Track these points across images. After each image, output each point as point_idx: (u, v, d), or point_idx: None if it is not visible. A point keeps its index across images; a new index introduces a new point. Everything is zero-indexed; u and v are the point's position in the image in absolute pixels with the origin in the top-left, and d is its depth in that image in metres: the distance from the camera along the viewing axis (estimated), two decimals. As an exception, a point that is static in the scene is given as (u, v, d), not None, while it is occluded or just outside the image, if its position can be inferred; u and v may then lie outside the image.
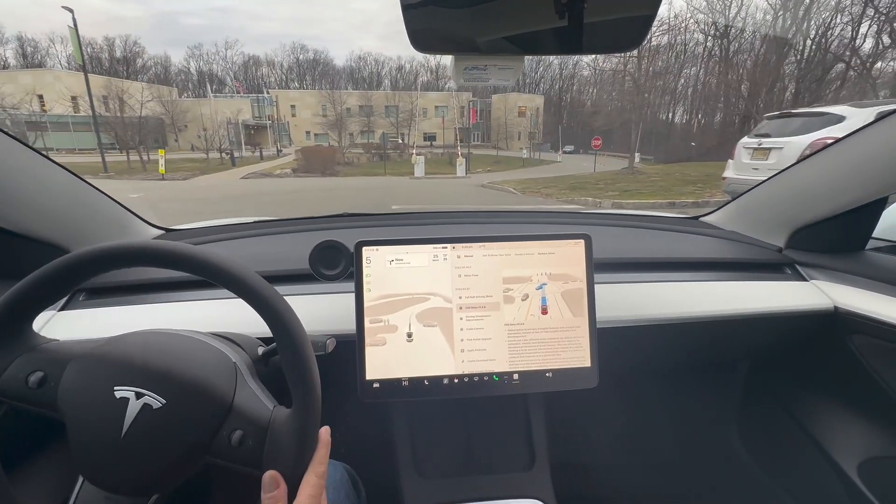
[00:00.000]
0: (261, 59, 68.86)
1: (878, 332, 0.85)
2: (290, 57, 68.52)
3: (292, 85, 64.37)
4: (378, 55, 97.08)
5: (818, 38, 17.07)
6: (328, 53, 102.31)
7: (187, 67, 63.71)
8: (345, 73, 67.88)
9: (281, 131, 40.86)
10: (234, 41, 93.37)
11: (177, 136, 29.69)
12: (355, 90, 49.57)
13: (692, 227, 1.22)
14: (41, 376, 0.45)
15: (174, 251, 0.45)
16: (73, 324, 0.76)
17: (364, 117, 41.18)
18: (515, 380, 0.73)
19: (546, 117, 47.91)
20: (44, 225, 0.80)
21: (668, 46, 25.70)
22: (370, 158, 26.01)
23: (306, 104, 41.98)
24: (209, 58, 66.46)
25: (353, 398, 0.70)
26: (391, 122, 41.52)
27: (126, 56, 50.12)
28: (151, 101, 26.57)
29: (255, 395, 0.48)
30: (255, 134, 38.98)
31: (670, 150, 29.70)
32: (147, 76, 51.06)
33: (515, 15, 0.59)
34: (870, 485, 0.92)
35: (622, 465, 1.32)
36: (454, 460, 0.97)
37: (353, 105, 41.99)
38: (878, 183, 0.85)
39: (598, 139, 21.43)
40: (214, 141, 25.10)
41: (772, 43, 19.99)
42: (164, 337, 0.51)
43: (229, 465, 0.45)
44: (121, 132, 22.45)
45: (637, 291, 0.91)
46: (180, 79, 59.29)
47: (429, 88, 56.42)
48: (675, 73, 28.92)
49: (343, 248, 0.76)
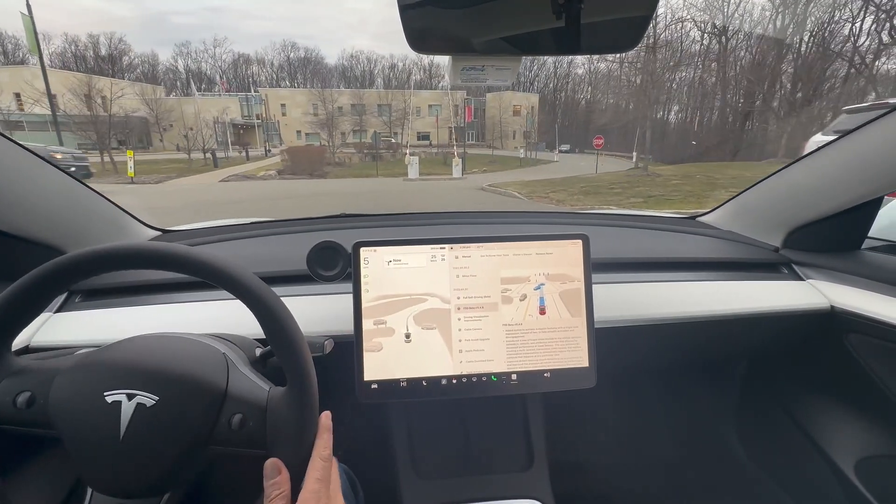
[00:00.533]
0: (251, 57, 68.59)
1: (874, 331, 0.87)
2: (280, 55, 68.32)
3: (283, 84, 64.09)
4: (370, 53, 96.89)
5: (818, 34, 17.18)
6: (319, 52, 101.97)
7: (175, 66, 63.30)
8: (336, 71, 67.76)
9: (271, 131, 40.59)
10: (223, 39, 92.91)
11: (161, 135, 28.92)
12: (347, 89, 49.49)
13: (689, 226, 1.24)
14: (29, 396, 0.45)
15: (169, 252, 0.46)
16: (68, 326, 0.76)
17: (356, 116, 41.04)
18: (514, 380, 0.74)
19: (541, 116, 48.07)
20: (39, 226, 0.80)
21: (665, 43, 25.31)
22: (362, 158, 25.75)
23: (297, 103, 41.70)
24: (197, 56, 66.09)
25: (351, 399, 0.71)
26: (384, 121, 41.44)
27: (112, 54, 49.61)
28: (122, 96, 25.49)
29: (250, 379, 0.49)
30: (244, 133, 38.60)
31: (669, 149, 29.42)
32: (134, 74, 50.67)
33: (513, 15, 0.60)
34: (867, 483, 0.94)
35: (620, 465, 1.34)
36: (453, 461, 0.98)
37: (344, 104, 41.82)
38: (874, 183, 0.87)
39: (601, 138, 20.62)
40: (198, 141, 24.59)
41: (770, 40, 20.02)
42: (150, 339, 0.51)
43: (235, 450, 0.46)
44: (101, 132, 21.83)
45: (635, 291, 0.92)
46: (168, 77, 58.84)
47: (422, 87, 56.40)
48: (690, 65, 27.95)
49: (341, 249, 0.77)
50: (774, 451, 1.19)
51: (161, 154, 27.11)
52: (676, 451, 1.38)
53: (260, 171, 18.88)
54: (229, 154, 28.77)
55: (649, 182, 12.98)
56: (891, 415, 0.92)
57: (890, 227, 1.08)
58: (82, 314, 0.79)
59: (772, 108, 18.77)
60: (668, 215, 1.36)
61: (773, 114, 20.11)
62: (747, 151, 20.60)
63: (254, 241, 1.09)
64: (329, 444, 0.48)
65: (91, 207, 0.92)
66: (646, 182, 12.96)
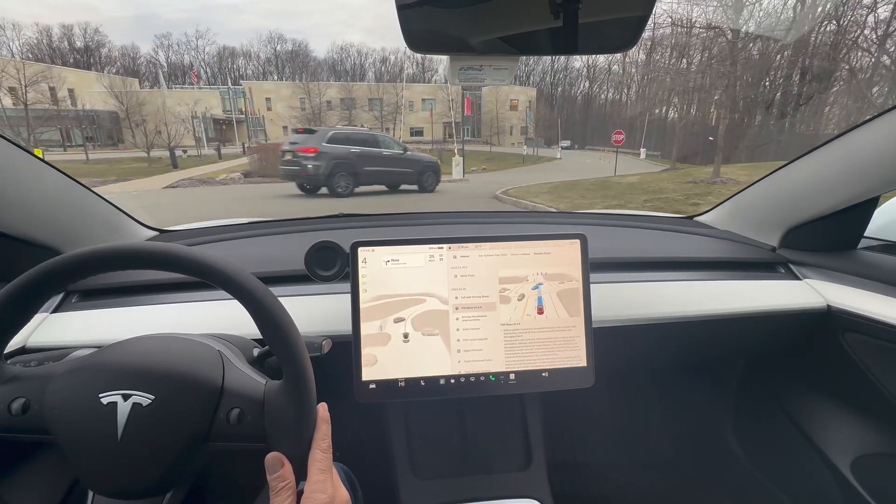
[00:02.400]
0: (237, 50, 68.16)
1: (870, 330, 0.92)
2: (267, 48, 67.96)
3: (271, 77, 63.75)
4: (361, 45, 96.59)
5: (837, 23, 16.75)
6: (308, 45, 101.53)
7: (156, 58, 62.76)
8: (326, 65, 67.53)
9: (256, 126, 40.21)
10: (206, 30, 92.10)
11: (133, 131, 26.91)
12: (336, 82, 49.28)
13: (687, 226, 1.29)
14: (23, 402, 0.46)
15: (165, 252, 0.47)
16: (65, 326, 0.79)
17: (345, 111, 40.85)
18: (512, 380, 0.78)
19: (539, 110, 48.19)
20: (36, 226, 0.83)
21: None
22: None
23: (282, 97, 41.24)
24: (179, 48, 65.63)
25: (349, 399, 0.74)
26: (375, 115, 41.29)
27: (88, 45, 49.06)
28: (60, 85, 24.62)
29: (245, 374, 0.51)
30: (226, 129, 38.12)
31: (681, 146, 28.20)
32: (115, 68, 50.17)
33: (511, 15, 0.63)
34: (862, 481, 0.99)
35: (619, 464, 1.39)
36: (451, 461, 1.01)
37: (333, 97, 41.53)
38: (870, 182, 0.91)
39: (621, 133, 17.66)
40: (164, 137, 22.98)
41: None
42: (143, 339, 0.53)
43: (235, 445, 0.48)
44: (63, 128, 20.79)
45: (632, 291, 0.96)
46: (151, 71, 58.21)
47: (415, 80, 56.42)
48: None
49: (339, 249, 0.79)
50: (771, 449, 1.24)
51: (128, 152, 25.47)
52: (674, 449, 1.43)
53: (221, 173, 16.72)
54: (204, 152, 27.54)
55: (723, 191, 9.34)
56: (887, 413, 0.97)
57: (886, 226, 1.12)
58: (79, 314, 0.81)
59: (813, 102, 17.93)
60: (666, 215, 1.40)
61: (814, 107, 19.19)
62: (777, 148, 19.48)
63: (251, 240, 1.12)
64: (328, 435, 0.50)
65: (88, 207, 0.95)
66: (716, 191, 9.80)
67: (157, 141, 22.53)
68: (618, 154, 19.05)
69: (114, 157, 23.19)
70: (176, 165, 19.00)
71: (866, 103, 13.20)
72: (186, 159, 23.45)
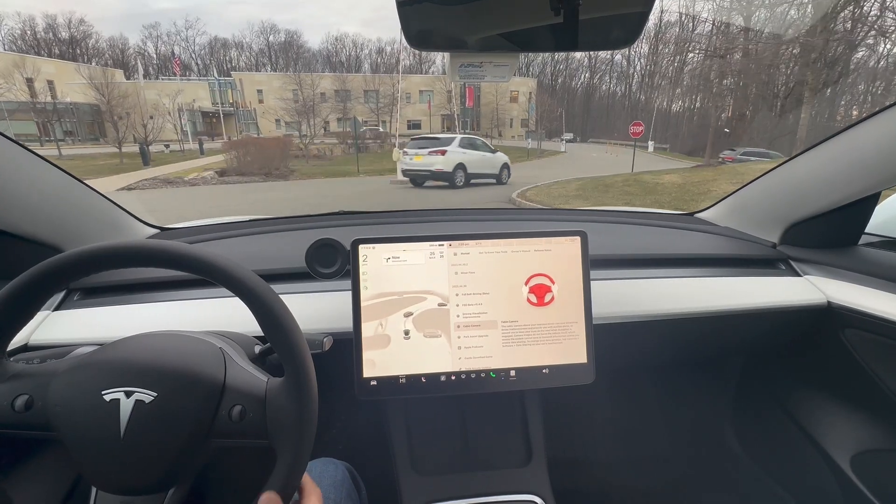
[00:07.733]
0: (229, 41, 67.89)
1: (870, 327, 0.94)
2: (259, 39, 67.71)
3: (264, 69, 63.44)
4: (356, 36, 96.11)
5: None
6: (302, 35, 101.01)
7: (144, 49, 62.41)
8: (321, 56, 67.38)
9: (247, 119, 39.96)
10: (195, 20, 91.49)
11: (115, 125, 25.37)
12: (331, 73, 49.03)
13: (687, 223, 1.32)
14: (27, 399, 0.48)
15: (167, 250, 0.49)
16: (67, 324, 0.81)
17: (340, 103, 40.68)
18: (512, 376, 0.80)
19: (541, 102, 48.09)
20: (37, 224, 0.85)
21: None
22: (346, 150, 24.61)
23: (274, 88, 40.96)
24: (169, 39, 65.29)
25: (350, 396, 0.76)
26: (371, 108, 41.14)
27: (73, 36, 48.71)
28: (37, 76, 23.67)
29: (247, 371, 0.54)
30: (216, 123, 37.80)
31: (689, 139, 27.57)
32: (103, 59, 49.84)
33: (511, 12, 0.64)
34: (862, 477, 1.02)
35: (619, 461, 1.42)
36: (452, 457, 1.04)
37: (327, 89, 41.30)
38: (871, 178, 0.94)
39: (640, 124, 16.53)
40: (139, 131, 22.51)
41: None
42: (145, 337, 0.55)
43: (237, 441, 0.50)
44: (41, 121, 20.11)
45: (633, 288, 0.99)
46: (141, 62, 57.81)
47: (412, 71, 56.24)
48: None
49: (339, 247, 0.82)
50: (771, 446, 1.27)
51: (107, 148, 24.49)
52: (674, 446, 1.46)
53: (192, 171, 15.85)
54: (188, 147, 26.90)
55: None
56: (887, 409, 1.00)
57: (886, 222, 1.15)
58: (81, 312, 0.84)
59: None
60: (666, 212, 1.43)
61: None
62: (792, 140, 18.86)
63: (253, 238, 1.15)
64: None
65: (89, 205, 0.97)
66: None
67: (135, 135, 21.89)
68: (635, 148, 18.03)
69: (89, 154, 22.61)
70: (147, 163, 18.12)
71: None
72: (168, 155, 22.82)
